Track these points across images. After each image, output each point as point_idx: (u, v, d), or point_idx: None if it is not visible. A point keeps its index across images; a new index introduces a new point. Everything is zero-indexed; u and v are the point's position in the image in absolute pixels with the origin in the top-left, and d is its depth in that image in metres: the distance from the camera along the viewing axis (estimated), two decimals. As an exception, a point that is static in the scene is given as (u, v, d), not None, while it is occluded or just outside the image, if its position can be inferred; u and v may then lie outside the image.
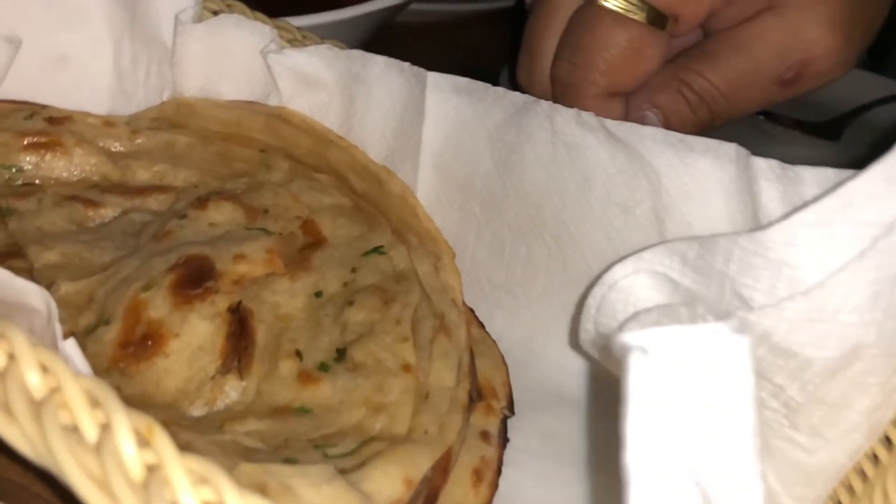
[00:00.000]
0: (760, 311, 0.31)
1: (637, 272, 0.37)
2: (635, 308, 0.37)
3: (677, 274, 0.36)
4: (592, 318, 0.40)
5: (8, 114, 0.60)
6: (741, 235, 0.34)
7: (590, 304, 0.40)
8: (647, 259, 0.38)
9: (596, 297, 0.40)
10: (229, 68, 0.64)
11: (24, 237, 0.50)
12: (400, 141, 0.58)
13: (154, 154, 0.62)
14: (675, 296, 0.36)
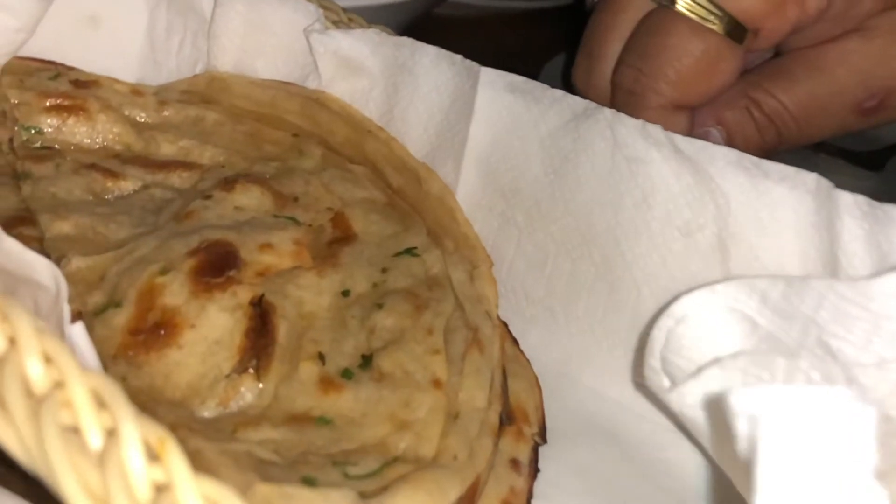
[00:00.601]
0: (860, 368, 0.27)
1: (710, 307, 0.34)
2: (712, 349, 0.33)
3: (755, 313, 0.33)
4: (658, 354, 0.36)
5: (33, 72, 0.57)
6: (839, 281, 0.31)
7: (655, 337, 0.36)
8: (721, 293, 0.34)
9: (662, 329, 0.36)
10: (268, 45, 0.61)
11: (37, 203, 0.47)
12: (443, 138, 0.54)
13: (181, 128, 0.58)
14: (752, 337, 0.32)
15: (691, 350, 0.34)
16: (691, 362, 0.34)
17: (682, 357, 0.35)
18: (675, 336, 0.35)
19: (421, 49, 0.54)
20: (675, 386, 0.34)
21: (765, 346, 0.32)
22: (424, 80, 0.55)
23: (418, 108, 0.55)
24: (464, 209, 0.53)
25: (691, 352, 0.34)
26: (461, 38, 1.12)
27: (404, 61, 0.55)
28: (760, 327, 0.33)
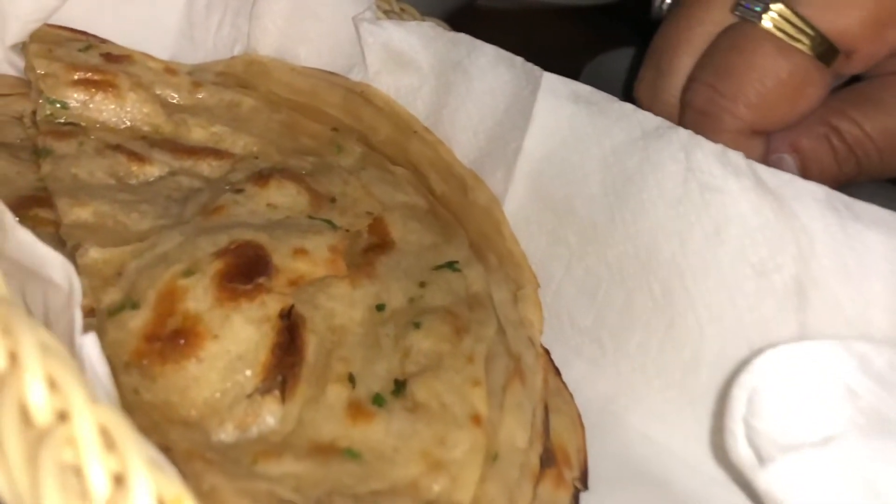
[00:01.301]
0: None
1: (800, 368, 0.30)
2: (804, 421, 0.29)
3: (854, 381, 0.29)
4: (741, 419, 0.32)
5: (63, 42, 0.53)
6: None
7: (737, 397, 0.32)
8: (813, 353, 0.30)
9: (744, 388, 0.32)
10: (313, 31, 0.57)
11: (56, 184, 0.43)
12: (495, 145, 0.50)
13: (214, 112, 0.54)
14: (852, 410, 0.28)
15: (779, 419, 0.30)
16: (780, 434, 0.30)
17: (767, 425, 0.31)
18: (761, 400, 0.31)
19: (478, 48, 0.50)
20: (762, 462, 0.30)
21: (868, 421, 0.28)
22: (479, 82, 0.51)
23: (470, 110, 0.51)
24: (511, 223, 0.50)
25: (779, 421, 0.30)
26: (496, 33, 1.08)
27: (459, 59, 0.51)
28: (861, 398, 0.29)
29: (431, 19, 0.56)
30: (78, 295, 0.29)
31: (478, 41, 0.51)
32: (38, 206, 0.43)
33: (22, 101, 0.51)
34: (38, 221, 0.42)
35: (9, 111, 0.50)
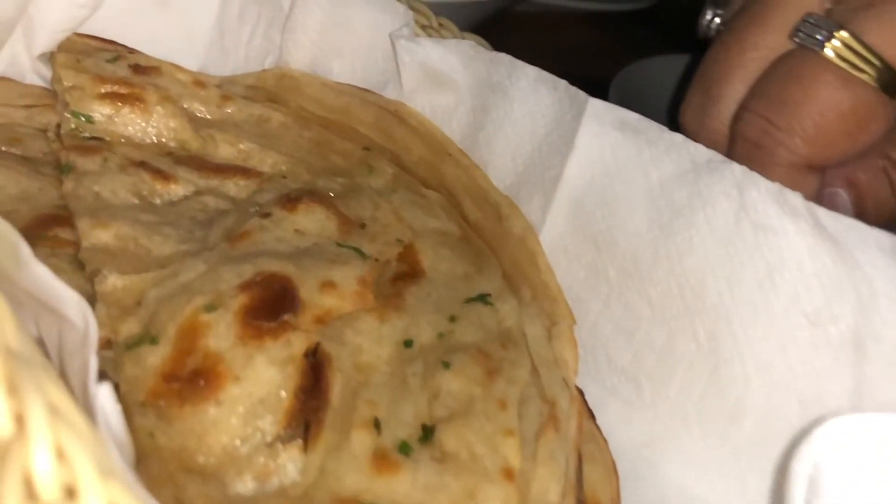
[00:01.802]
0: None
1: (867, 444, 0.27)
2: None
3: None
4: (803, 498, 0.29)
5: (91, 52, 0.52)
6: None
7: (797, 473, 0.30)
8: (880, 427, 0.27)
9: (806, 463, 0.29)
10: (347, 45, 0.55)
11: (78, 203, 0.42)
12: (533, 171, 0.48)
13: (243, 128, 0.53)
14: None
15: (843, 500, 0.27)
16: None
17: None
18: (821, 477, 0.28)
19: (519, 69, 0.48)
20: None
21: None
22: (519, 104, 0.48)
23: (508, 134, 0.49)
24: (547, 254, 0.47)
25: (843, 502, 0.28)
26: (529, 36, 1.06)
27: (499, 80, 0.49)
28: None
29: (471, 36, 0.54)
30: (93, 340, 0.27)
31: (519, 62, 0.48)
32: (58, 225, 0.41)
33: (47, 113, 0.49)
34: (57, 242, 0.41)
35: (33, 123, 0.49)
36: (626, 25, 1.21)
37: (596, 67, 1.10)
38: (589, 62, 1.10)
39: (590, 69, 1.09)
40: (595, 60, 1.10)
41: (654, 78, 1.08)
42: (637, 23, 1.22)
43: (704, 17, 0.64)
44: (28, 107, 0.49)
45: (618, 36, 1.19)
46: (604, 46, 1.16)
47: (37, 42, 0.50)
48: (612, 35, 1.18)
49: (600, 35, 1.15)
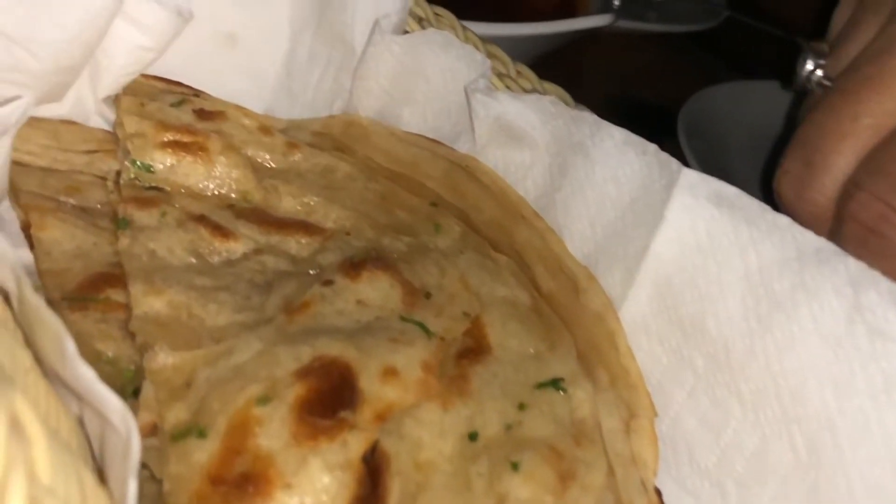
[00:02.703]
0: None
1: None
2: None
3: None
4: None
5: (157, 94, 0.51)
6: None
7: None
8: None
9: None
10: (419, 92, 0.53)
11: (132, 263, 0.40)
12: (615, 241, 0.44)
13: (307, 179, 0.50)
14: None
15: None
16: None
17: None
18: None
19: (604, 129, 0.44)
20: None
21: None
22: (602, 167, 0.45)
23: (588, 198, 0.45)
24: (627, 335, 0.43)
25: None
26: (590, 56, 1.02)
27: (580, 140, 0.45)
28: None
29: (553, 88, 0.51)
30: (136, 450, 0.25)
31: (604, 122, 0.45)
32: (110, 286, 0.40)
33: (108, 160, 0.48)
34: (108, 306, 0.39)
35: (93, 170, 0.47)
36: (688, 46, 1.17)
37: (660, 92, 1.06)
38: (652, 86, 1.06)
39: (653, 93, 1.05)
40: (658, 84, 1.06)
41: (723, 105, 1.03)
42: (699, 44, 1.18)
43: (804, 67, 0.59)
44: (90, 152, 0.48)
45: (680, 58, 1.16)
46: (667, 69, 1.12)
47: (102, 84, 0.49)
48: (674, 57, 1.15)
49: (662, 57, 1.11)
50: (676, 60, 1.16)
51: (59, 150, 0.47)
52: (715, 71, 1.19)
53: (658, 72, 1.11)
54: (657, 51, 1.03)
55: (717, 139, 1.00)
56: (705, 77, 1.17)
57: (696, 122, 0.96)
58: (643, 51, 1.12)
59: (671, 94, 1.06)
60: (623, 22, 0.94)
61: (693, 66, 1.18)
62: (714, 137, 0.99)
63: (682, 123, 0.93)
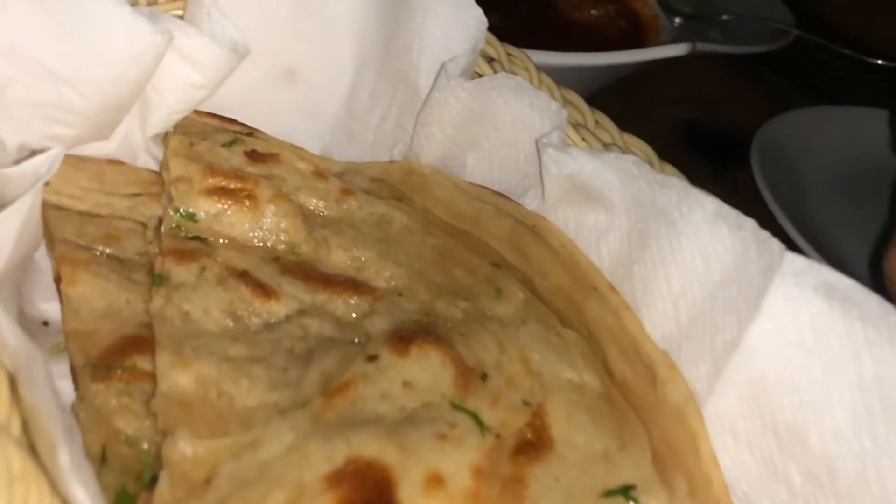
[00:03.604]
0: None
1: None
2: None
3: None
4: None
5: (208, 133, 0.48)
6: None
7: None
8: None
9: None
10: (486, 140, 0.48)
11: (163, 328, 0.37)
12: (701, 327, 0.38)
13: (361, 230, 0.47)
14: None
15: None
16: None
17: None
18: None
19: (694, 198, 0.39)
20: None
21: None
22: (690, 240, 0.39)
23: (671, 274, 0.40)
24: (711, 437, 0.38)
25: None
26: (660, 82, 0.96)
27: (666, 207, 0.40)
28: None
29: (637, 143, 0.46)
30: None
31: (694, 189, 0.39)
32: (138, 351, 0.36)
33: (151, 204, 0.45)
34: (134, 375, 0.36)
35: (135, 215, 0.44)
36: (756, 68, 1.10)
37: (728, 117, 0.99)
38: (720, 110, 0.99)
39: (722, 119, 0.98)
40: (726, 108, 1.00)
41: (800, 133, 0.95)
42: (768, 65, 1.11)
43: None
44: (133, 196, 0.45)
45: (749, 80, 1.09)
46: (735, 92, 1.05)
47: (151, 122, 0.46)
48: (742, 79, 1.08)
49: (729, 79, 1.06)
50: (744, 83, 1.10)
51: (101, 192, 0.44)
52: (786, 94, 1.12)
53: (726, 95, 1.03)
54: (723, 73, 0.96)
55: (793, 170, 0.93)
56: (776, 101, 1.09)
57: (771, 150, 0.89)
58: (709, 73, 1.06)
59: (741, 119, 1.00)
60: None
61: (763, 90, 1.11)
62: (790, 168, 0.92)
63: (755, 152, 0.86)
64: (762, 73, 1.13)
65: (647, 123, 0.94)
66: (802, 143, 0.96)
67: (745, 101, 1.07)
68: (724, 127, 0.97)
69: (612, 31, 0.78)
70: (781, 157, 0.89)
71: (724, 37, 1.11)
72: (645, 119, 0.97)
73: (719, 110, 1.00)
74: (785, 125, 0.93)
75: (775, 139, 0.90)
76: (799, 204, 0.87)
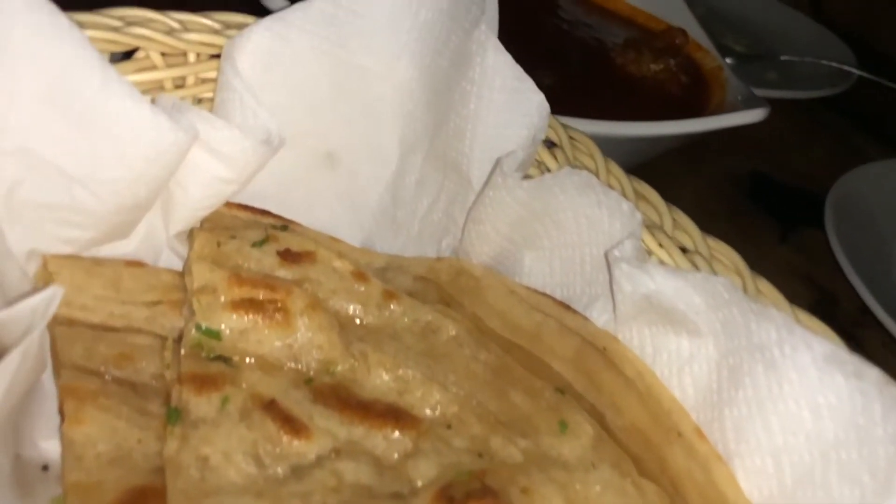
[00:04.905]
0: None
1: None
2: None
3: None
4: None
5: (238, 229, 0.43)
6: None
7: None
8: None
9: None
10: (547, 238, 0.42)
11: (177, 481, 0.32)
12: (811, 492, 0.32)
13: (404, 342, 0.41)
14: None
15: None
16: None
17: None
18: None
19: (799, 336, 0.33)
20: None
21: None
22: (794, 388, 0.33)
23: (771, 424, 0.33)
24: None
25: None
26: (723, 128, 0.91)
27: (764, 343, 0.34)
28: None
29: (721, 245, 0.39)
30: None
31: (797, 326, 0.33)
32: (147, 507, 0.31)
33: (171, 314, 0.40)
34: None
35: (153, 327, 0.40)
36: (817, 111, 1.03)
37: (792, 167, 0.91)
38: (783, 160, 0.92)
39: (786, 170, 0.90)
40: (791, 156, 0.93)
41: (879, 188, 0.87)
42: (831, 107, 1.04)
43: None
44: (152, 304, 0.40)
45: (811, 126, 1.03)
46: (799, 138, 0.99)
47: (175, 218, 0.42)
48: (804, 125, 1.01)
49: (792, 124, 1.00)
50: (808, 128, 1.03)
51: (117, 301, 0.40)
52: (854, 140, 1.05)
53: (789, 143, 0.97)
54: (784, 118, 0.89)
55: (873, 231, 0.84)
56: (845, 148, 1.03)
57: (847, 209, 0.81)
58: (768, 118, 1.01)
59: (807, 169, 0.93)
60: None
61: (828, 135, 1.04)
62: (870, 229, 0.83)
63: (829, 211, 0.78)
64: (826, 116, 1.05)
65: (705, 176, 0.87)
66: (884, 200, 0.88)
67: (809, 148, 1.00)
68: (789, 179, 0.91)
69: (673, 86, 0.72)
70: (859, 216, 0.81)
71: (781, 78, 1.05)
72: (702, 171, 0.91)
73: (783, 160, 0.93)
74: (862, 179, 0.85)
75: (851, 196, 0.83)
76: (881, 270, 0.79)
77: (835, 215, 0.77)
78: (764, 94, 0.91)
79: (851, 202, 0.80)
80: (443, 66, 0.44)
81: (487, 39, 0.41)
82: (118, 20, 0.40)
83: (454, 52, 0.43)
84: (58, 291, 0.33)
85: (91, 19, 0.39)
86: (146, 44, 0.40)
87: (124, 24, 0.40)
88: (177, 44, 0.41)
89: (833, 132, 1.05)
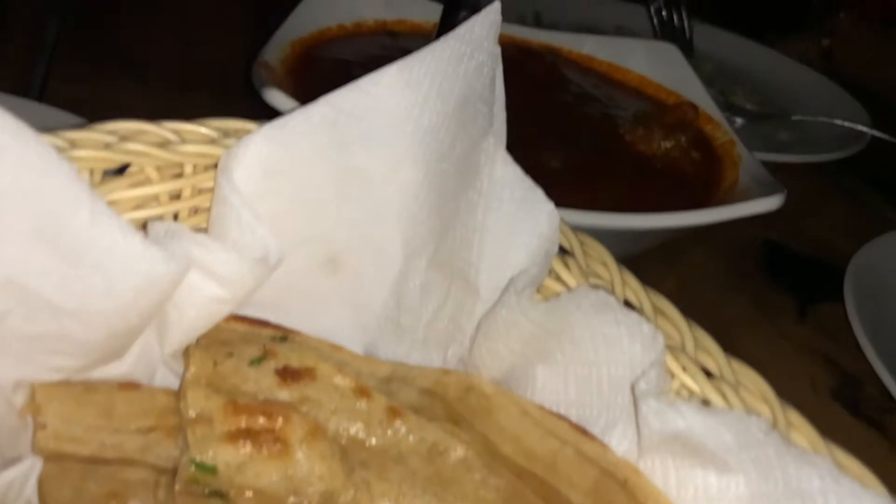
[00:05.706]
0: None
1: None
2: None
3: None
4: None
5: (235, 344, 0.41)
6: None
7: None
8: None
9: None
10: (561, 353, 0.40)
11: None
12: None
13: (409, 465, 0.39)
14: None
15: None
16: None
17: None
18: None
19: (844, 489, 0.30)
20: None
21: None
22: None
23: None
24: None
25: None
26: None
27: (805, 490, 0.31)
28: None
29: (745, 368, 0.37)
30: None
31: (843, 476, 0.30)
32: None
33: (165, 442, 0.38)
34: None
35: (147, 456, 0.38)
36: (833, 173, 1.01)
37: (811, 234, 0.88)
38: (802, 226, 0.89)
39: (801, 238, 0.87)
40: (807, 223, 0.90)
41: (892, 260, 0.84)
42: (848, 170, 1.02)
43: None
44: (146, 431, 0.38)
45: (827, 186, 1.00)
46: (814, 203, 0.96)
47: (170, 338, 0.40)
48: (818, 186, 0.99)
49: (803, 190, 0.97)
50: (823, 191, 1.00)
51: (109, 430, 0.37)
52: (869, 202, 1.02)
53: (804, 209, 0.93)
54: (797, 181, 0.88)
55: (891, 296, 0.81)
56: (863, 214, 1.00)
57: (868, 284, 0.77)
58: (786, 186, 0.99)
59: (825, 238, 0.90)
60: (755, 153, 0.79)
61: (845, 200, 1.01)
62: (892, 302, 0.79)
63: (849, 287, 0.74)
64: (842, 178, 1.03)
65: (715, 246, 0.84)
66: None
67: (825, 213, 0.97)
68: (806, 248, 0.88)
69: (685, 164, 0.70)
70: (882, 292, 0.78)
71: (793, 138, 1.02)
72: (715, 238, 0.87)
73: (799, 227, 0.90)
74: (884, 252, 0.82)
75: (873, 270, 0.79)
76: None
77: (855, 292, 0.73)
78: (777, 160, 0.89)
79: (873, 276, 0.77)
80: (448, 171, 0.42)
81: (496, 152, 0.40)
82: (111, 135, 0.38)
83: (460, 158, 0.42)
84: (32, 465, 0.31)
85: (83, 137, 0.37)
86: (140, 159, 0.39)
87: (117, 139, 0.38)
88: (171, 157, 0.39)
89: (850, 195, 1.02)
